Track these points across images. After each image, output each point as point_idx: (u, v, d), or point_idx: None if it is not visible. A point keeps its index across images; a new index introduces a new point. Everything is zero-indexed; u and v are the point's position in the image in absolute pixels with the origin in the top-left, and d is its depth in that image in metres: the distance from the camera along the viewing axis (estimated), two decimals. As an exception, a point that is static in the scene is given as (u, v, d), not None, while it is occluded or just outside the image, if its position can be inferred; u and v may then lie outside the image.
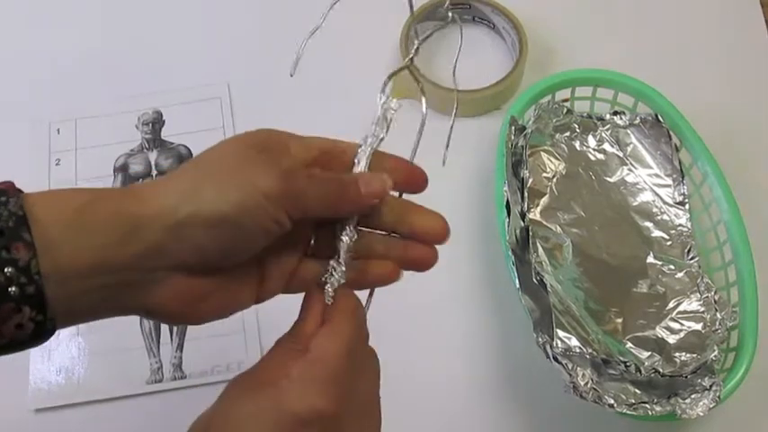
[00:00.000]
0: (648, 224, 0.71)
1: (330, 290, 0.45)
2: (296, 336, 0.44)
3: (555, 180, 0.71)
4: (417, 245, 0.47)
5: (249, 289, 0.46)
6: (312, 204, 0.44)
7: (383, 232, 0.47)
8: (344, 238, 0.45)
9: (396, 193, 0.47)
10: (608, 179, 0.72)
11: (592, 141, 0.73)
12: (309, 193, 0.43)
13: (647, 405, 0.59)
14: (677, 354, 0.64)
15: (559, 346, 0.60)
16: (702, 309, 0.66)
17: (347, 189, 0.45)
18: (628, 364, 0.60)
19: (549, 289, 0.63)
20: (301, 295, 0.45)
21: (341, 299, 0.44)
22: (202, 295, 0.43)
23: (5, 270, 0.36)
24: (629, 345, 0.64)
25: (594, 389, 0.59)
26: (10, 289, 0.36)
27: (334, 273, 0.45)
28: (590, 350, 0.61)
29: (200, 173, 0.42)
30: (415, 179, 0.47)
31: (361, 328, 0.44)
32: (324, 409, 0.39)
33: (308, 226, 0.46)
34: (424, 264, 0.47)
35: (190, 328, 0.70)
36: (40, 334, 0.38)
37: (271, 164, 0.42)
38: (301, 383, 0.40)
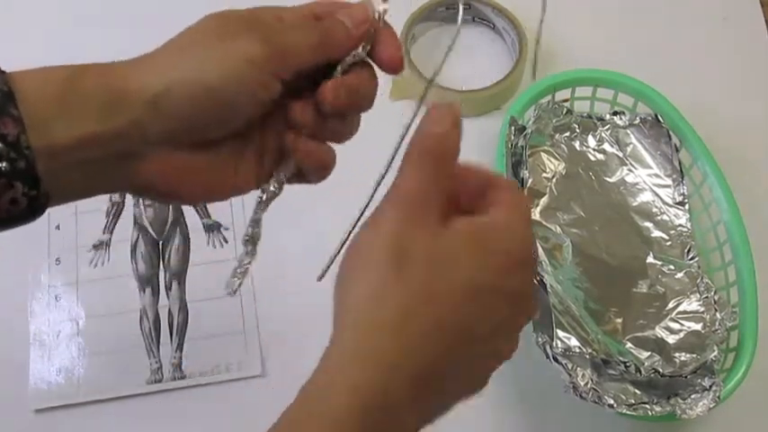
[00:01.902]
0: (648, 224, 0.71)
1: None
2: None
3: (555, 180, 0.71)
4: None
5: (246, 168, 0.44)
6: (301, 56, 0.42)
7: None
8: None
9: None
10: (608, 179, 0.72)
11: (592, 141, 0.73)
12: (295, 44, 0.42)
13: (646, 405, 0.59)
14: (677, 354, 0.64)
15: (559, 346, 0.60)
16: (702, 309, 0.66)
17: (333, 28, 0.43)
18: (628, 364, 0.60)
19: (549, 289, 0.63)
20: (300, 304, 0.45)
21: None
22: (192, 170, 0.42)
23: None
24: (629, 345, 0.64)
25: (594, 389, 0.59)
26: (0, 165, 0.36)
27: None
28: (590, 350, 0.61)
29: (181, 45, 0.42)
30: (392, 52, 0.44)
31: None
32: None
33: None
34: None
35: (190, 327, 0.70)
36: (34, 209, 0.38)
37: (253, 28, 0.41)
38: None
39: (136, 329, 0.70)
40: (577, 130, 0.73)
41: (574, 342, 0.61)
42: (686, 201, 0.71)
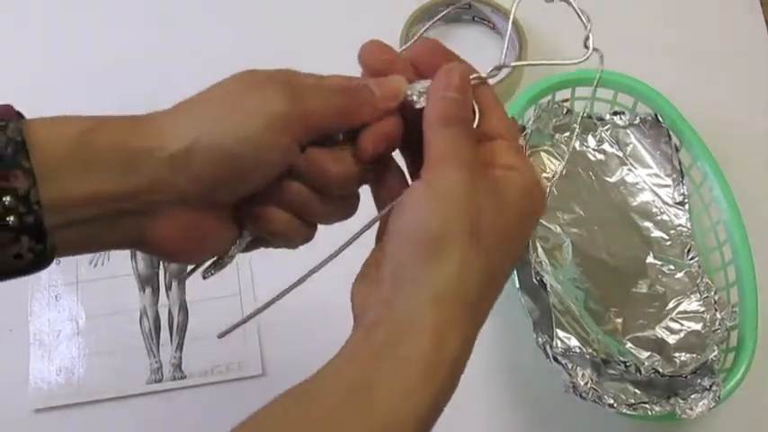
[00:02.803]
0: (648, 224, 0.71)
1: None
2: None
3: (555, 180, 0.71)
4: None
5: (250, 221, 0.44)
6: (324, 120, 0.41)
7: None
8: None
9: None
10: (608, 179, 0.72)
11: (592, 141, 0.73)
12: (319, 108, 0.41)
13: (646, 405, 0.59)
14: (677, 354, 0.64)
15: (559, 346, 0.60)
16: (702, 309, 0.66)
17: (359, 95, 0.42)
18: (628, 364, 0.60)
19: (549, 289, 0.63)
20: (300, 304, 0.45)
21: None
22: (199, 230, 0.42)
23: (3, 199, 0.35)
24: (629, 345, 0.64)
25: (594, 389, 0.59)
26: (8, 218, 0.35)
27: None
28: (590, 350, 0.61)
29: (204, 103, 0.41)
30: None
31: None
32: None
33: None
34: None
35: (190, 327, 0.70)
36: (39, 263, 0.37)
37: (279, 87, 0.40)
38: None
39: (136, 329, 0.70)
40: (577, 130, 0.73)
41: (574, 342, 0.61)
42: (686, 201, 0.71)
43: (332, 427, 0.35)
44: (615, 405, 0.59)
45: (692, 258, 0.69)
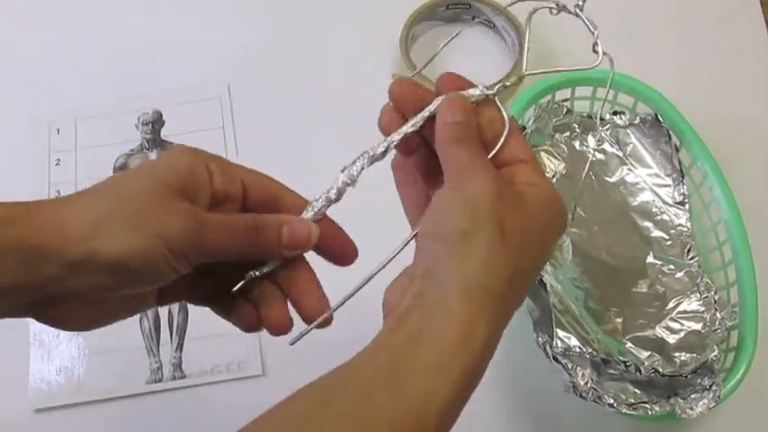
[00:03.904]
0: (648, 224, 0.71)
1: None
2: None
3: (555, 180, 0.71)
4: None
5: (152, 296, 0.46)
6: (221, 256, 0.43)
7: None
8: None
9: None
10: (608, 179, 0.72)
11: (592, 141, 0.73)
12: (219, 246, 0.43)
13: (646, 405, 0.59)
14: (677, 354, 0.64)
15: (559, 345, 0.60)
16: (702, 309, 0.66)
17: (265, 236, 0.44)
18: (628, 363, 0.60)
19: (549, 289, 0.63)
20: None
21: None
22: (103, 312, 0.44)
23: None
24: (629, 344, 0.64)
25: (594, 389, 0.59)
26: None
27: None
28: (590, 350, 0.61)
29: (109, 205, 0.42)
30: (345, 251, 0.47)
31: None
32: None
33: None
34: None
35: (190, 327, 0.70)
36: None
37: (181, 211, 0.42)
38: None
39: (136, 329, 0.70)
40: (577, 130, 0.73)
41: (574, 342, 0.61)
42: (686, 200, 0.71)
43: (361, 407, 0.36)
44: (615, 405, 0.59)
45: (692, 258, 0.69)
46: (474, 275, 0.38)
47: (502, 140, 0.43)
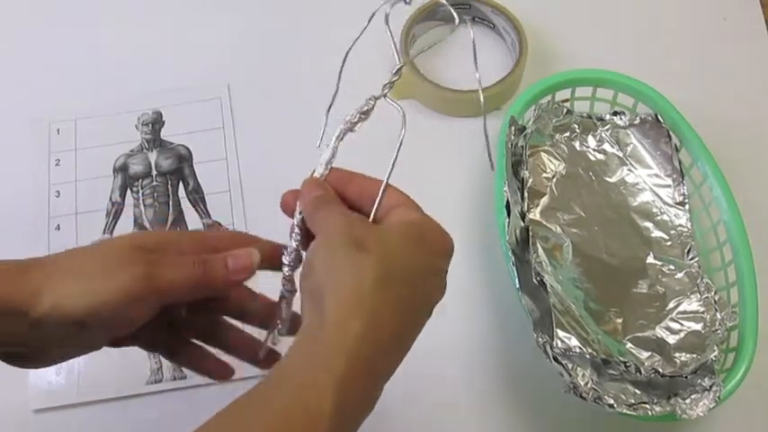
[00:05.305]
0: (648, 224, 0.71)
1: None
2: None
3: (555, 180, 0.71)
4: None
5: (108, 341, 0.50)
6: (178, 293, 0.47)
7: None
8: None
9: None
10: (608, 179, 0.72)
11: (592, 141, 0.73)
12: (174, 285, 0.46)
13: (646, 405, 0.59)
14: (677, 354, 0.64)
15: (559, 346, 0.60)
16: (702, 309, 0.66)
17: (214, 268, 0.47)
18: (628, 364, 0.60)
19: (549, 289, 0.63)
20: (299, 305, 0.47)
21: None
22: (64, 355, 0.49)
23: None
24: (629, 345, 0.64)
25: (594, 389, 0.59)
26: None
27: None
28: (590, 350, 0.61)
29: (76, 269, 0.46)
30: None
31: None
32: None
33: None
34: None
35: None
36: None
37: (141, 262, 0.45)
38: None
39: (136, 329, 0.70)
40: (577, 130, 0.73)
41: (574, 342, 0.61)
42: (686, 201, 0.71)
43: (254, 403, 0.43)
44: (615, 405, 0.59)
45: (692, 258, 0.69)
46: (338, 281, 0.41)
47: (378, 201, 0.46)
